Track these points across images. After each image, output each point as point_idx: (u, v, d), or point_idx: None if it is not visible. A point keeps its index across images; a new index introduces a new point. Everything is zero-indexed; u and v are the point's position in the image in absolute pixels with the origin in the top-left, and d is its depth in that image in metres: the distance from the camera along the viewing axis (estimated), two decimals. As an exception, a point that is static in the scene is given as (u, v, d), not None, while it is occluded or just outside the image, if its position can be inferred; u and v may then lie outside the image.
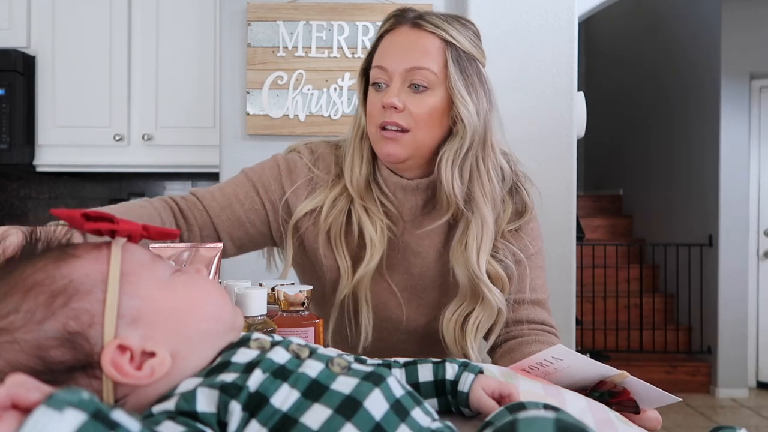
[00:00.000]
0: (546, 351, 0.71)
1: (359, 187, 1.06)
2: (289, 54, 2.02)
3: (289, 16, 2.03)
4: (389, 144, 1.00)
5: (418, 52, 0.99)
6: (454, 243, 1.05)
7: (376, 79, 1.02)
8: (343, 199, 1.07)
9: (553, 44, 2.03)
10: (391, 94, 0.99)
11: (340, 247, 1.06)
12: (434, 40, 1.00)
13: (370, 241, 1.04)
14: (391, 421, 0.47)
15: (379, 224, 1.05)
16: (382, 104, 1.00)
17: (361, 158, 1.07)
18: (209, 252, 0.83)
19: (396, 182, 1.06)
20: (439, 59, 0.99)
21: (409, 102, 0.99)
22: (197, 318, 0.52)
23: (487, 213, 1.02)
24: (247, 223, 1.08)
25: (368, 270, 1.04)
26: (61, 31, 2.61)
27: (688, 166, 4.79)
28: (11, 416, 0.37)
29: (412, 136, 1.00)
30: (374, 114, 1.02)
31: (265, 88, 2.00)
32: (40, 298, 0.47)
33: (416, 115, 0.99)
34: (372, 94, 1.03)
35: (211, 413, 0.46)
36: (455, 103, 0.99)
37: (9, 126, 2.52)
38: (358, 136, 1.08)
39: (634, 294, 4.88)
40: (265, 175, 1.10)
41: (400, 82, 0.99)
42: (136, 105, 2.63)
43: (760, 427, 3.72)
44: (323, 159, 1.11)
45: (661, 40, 5.26)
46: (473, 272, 1.01)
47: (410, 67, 0.99)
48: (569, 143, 2.03)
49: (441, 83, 1.00)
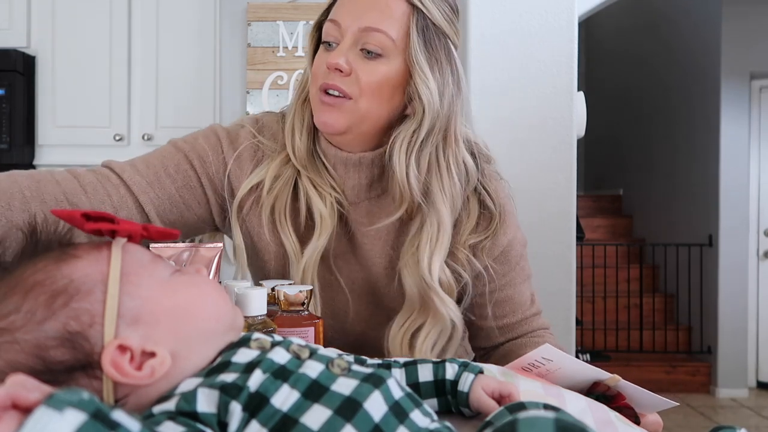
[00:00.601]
0: (535, 352, 0.68)
1: (301, 156, 0.92)
2: (289, 54, 2.02)
3: (289, 16, 2.03)
4: (327, 111, 0.88)
5: (378, 12, 0.86)
6: (405, 243, 0.92)
7: (326, 36, 0.89)
8: (288, 169, 0.93)
9: (553, 44, 2.03)
10: (338, 53, 0.86)
11: (286, 227, 0.92)
12: (400, 3, 0.87)
13: (320, 216, 0.91)
14: (390, 422, 0.47)
15: (329, 198, 0.92)
16: (327, 63, 0.87)
17: (302, 123, 0.93)
18: (209, 252, 0.83)
19: (335, 155, 0.93)
20: (402, 25, 0.87)
21: (358, 67, 0.86)
22: (197, 318, 0.53)
23: (444, 212, 0.89)
24: (181, 202, 0.93)
25: (317, 247, 0.90)
26: (61, 31, 2.61)
27: (688, 166, 4.79)
28: (11, 416, 0.37)
29: (354, 105, 0.87)
30: (317, 74, 0.89)
31: (265, 88, 2.01)
32: (40, 298, 0.47)
33: (364, 82, 0.86)
34: (320, 51, 0.90)
35: (211, 413, 0.46)
36: (414, 77, 0.87)
37: (9, 126, 2.52)
38: (301, 98, 0.95)
39: (634, 294, 4.88)
40: (200, 145, 0.95)
41: (351, 42, 0.87)
42: (136, 105, 2.63)
43: (760, 427, 3.72)
44: (268, 127, 0.98)
45: (661, 40, 5.26)
46: (423, 278, 0.88)
47: (365, 27, 0.86)
48: (569, 143, 2.03)
49: (399, 52, 0.87)
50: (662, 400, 0.71)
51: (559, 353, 0.68)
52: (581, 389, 0.72)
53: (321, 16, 0.93)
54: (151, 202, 0.90)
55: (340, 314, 0.97)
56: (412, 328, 0.91)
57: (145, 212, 0.90)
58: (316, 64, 0.90)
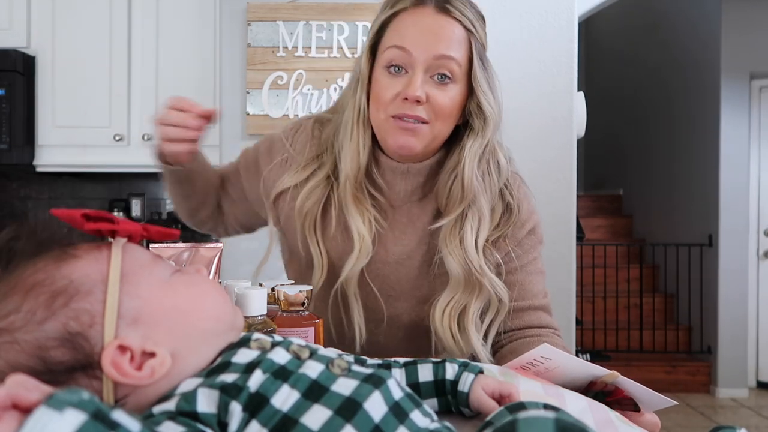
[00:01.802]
0: (533, 351, 0.69)
1: (358, 177, 0.98)
2: (289, 54, 2.02)
3: (289, 16, 2.03)
4: (406, 136, 0.93)
5: (447, 40, 0.91)
6: (445, 232, 0.98)
7: (394, 61, 0.93)
8: (320, 190, 1.00)
9: (553, 44, 2.03)
10: (416, 86, 0.90)
11: (315, 239, 1.00)
12: (459, 28, 0.92)
13: (359, 235, 0.97)
14: (390, 423, 0.47)
15: (368, 216, 0.98)
16: (404, 96, 0.91)
17: (362, 146, 0.97)
18: (209, 252, 0.83)
19: (386, 163, 0.99)
20: (464, 50, 0.93)
21: (433, 94, 0.91)
22: (197, 318, 0.52)
23: (485, 205, 0.98)
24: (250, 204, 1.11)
25: (357, 267, 0.97)
26: (61, 31, 2.61)
27: (688, 166, 4.79)
28: (11, 416, 0.37)
29: (430, 129, 0.93)
30: (386, 101, 0.93)
31: (265, 88, 2.00)
32: (40, 298, 0.47)
33: (438, 107, 0.92)
34: (384, 77, 0.94)
35: (211, 413, 0.46)
36: (478, 96, 0.94)
37: (9, 126, 2.52)
38: (359, 120, 0.98)
39: (634, 294, 4.88)
40: (250, 156, 1.12)
41: (424, 70, 0.91)
42: (136, 105, 2.63)
43: (760, 427, 3.72)
44: (301, 135, 1.06)
45: (661, 40, 5.26)
46: (472, 264, 0.95)
47: (439, 55, 0.91)
48: (569, 143, 2.03)
49: (463, 75, 0.93)
50: (661, 398, 0.71)
51: (558, 352, 0.69)
52: (580, 387, 0.72)
53: (372, 40, 0.98)
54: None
55: (378, 311, 1.02)
56: (458, 307, 0.96)
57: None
58: (383, 89, 0.94)
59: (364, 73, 0.97)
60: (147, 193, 3.03)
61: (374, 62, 0.97)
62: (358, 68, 0.99)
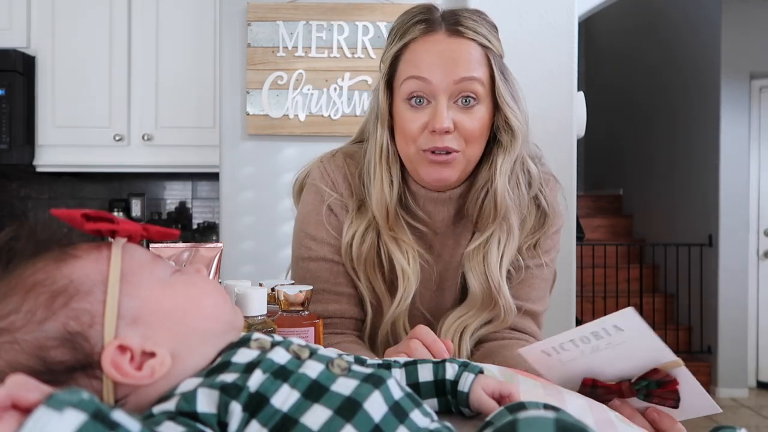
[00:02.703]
0: (610, 317, 0.62)
1: (389, 218, 0.96)
2: (289, 54, 2.02)
3: (289, 16, 2.03)
4: (441, 169, 0.91)
5: (464, 62, 0.89)
6: (471, 248, 0.97)
7: (415, 92, 0.90)
8: (370, 231, 0.98)
9: (553, 44, 2.03)
10: (442, 117, 0.87)
11: (377, 281, 0.98)
12: (475, 47, 0.90)
13: (402, 272, 0.95)
14: (390, 422, 0.47)
15: (411, 253, 0.96)
16: (431, 128, 0.88)
17: (389, 183, 0.95)
18: (209, 252, 0.83)
19: (426, 195, 0.98)
20: (484, 68, 0.90)
21: (459, 119, 0.89)
22: (197, 318, 0.52)
23: (515, 223, 0.96)
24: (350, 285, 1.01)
25: (404, 306, 0.96)
26: (61, 31, 2.61)
27: (688, 166, 4.79)
28: (11, 416, 0.37)
29: (463, 157, 0.91)
30: (413, 134, 0.91)
31: (265, 88, 2.00)
32: (40, 298, 0.47)
33: (468, 133, 0.90)
34: (406, 110, 0.91)
35: (211, 413, 0.46)
36: (506, 113, 0.92)
37: (9, 126, 2.52)
38: (383, 158, 0.95)
39: (634, 294, 4.88)
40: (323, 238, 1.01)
41: (447, 97, 0.89)
42: (136, 105, 2.63)
43: (760, 427, 3.72)
44: (341, 181, 1.02)
45: (661, 40, 5.26)
46: (493, 283, 0.94)
47: (460, 78, 0.88)
48: (569, 143, 2.03)
49: (488, 95, 0.91)
50: (710, 402, 0.68)
51: (640, 322, 0.62)
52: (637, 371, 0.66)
53: (387, 74, 0.94)
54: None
55: None
56: (467, 321, 0.96)
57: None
58: (408, 123, 0.91)
59: (383, 109, 0.95)
60: (147, 193, 3.03)
61: (392, 96, 0.94)
62: (376, 104, 0.96)
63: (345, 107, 2.02)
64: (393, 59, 0.94)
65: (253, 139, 2.02)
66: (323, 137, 2.00)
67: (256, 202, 2.00)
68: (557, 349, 0.67)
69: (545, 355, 0.69)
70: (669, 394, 0.66)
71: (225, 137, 2.03)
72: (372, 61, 2.01)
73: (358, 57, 2.02)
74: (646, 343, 0.64)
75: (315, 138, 2.01)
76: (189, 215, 3.06)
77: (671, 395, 0.66)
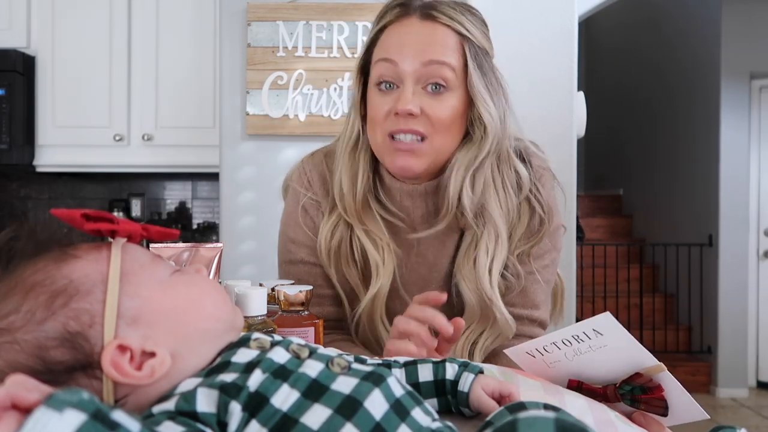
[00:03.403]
0: (588, 321, 0.62)
1: (356, 209, 0.93)
2: (289, 54, 2.02)
3: (289, 16, 2.03)
4: (405, 156, 0.87)
5: (436, 45, 0.86)
6: (459, 257, 0.93)
7: (382, 76, 0.88)
8: (340, 225, 0.95)
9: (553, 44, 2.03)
10: (406, 98, 0.85)
11: (353, 275, 0.96)
12: (450, 33, 0.87)
13: (375, 265, 0.93)
14: (391, 420, 0.47)
15: (382, 245, 0.93)
16: (395, 111, 0.86)
17: (356, 173, 0.93)
18: (209, 252, 0.83)
19: (400, 188, 0.94)
20: (458, 56, 0.87)
21: (427, 105, 0.86)
22: (197, 318, 0.52)
23: (501, 227, 0.91)
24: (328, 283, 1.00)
25: (379, 295, 0.93)
26: (61, 31, 2.61)
27: (688, 166, 4.79)
28: (11, 416, 0.37)
29: (430, 145, 0.88)
30: (380, 120, 0.88)
31: (265, 88, 2.00)
32: (40, 298, 0.47)
33: (435, 119, 0.86)
34: (376, 95, 0.89)
35: (211, 413, 0.46)
36: (477, 106, 0.88)
37: (9, 126, 2.52)
38: (348, 147, 0.94)
39: (634, 294, 4.88)
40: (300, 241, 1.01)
41: (414, 81, 0.86)
42: (136, 105, 2.63)
43: (760, 427, 3.72)
44: (317, 179, 1.00)
45: (661, 39, 5.26)
46: (484, 292, 0.90)
47: (428, 60, 0.85)
48: (569, 143, 2.03)
49: (460, 83, 0.88)
50: (698, 409, 0.66)
51: (617, 327, 0.62)
52: (620, 375, 0.66)
53: (362, 60, 0.93)
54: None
55: None
56: (473, 337, 0.92)
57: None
58: (375, 108, 0.89)
59: (356, 95, 0.93)
60: (147, 193, 3.03)
61: (367, 83, 0.93)
62: (353, 92, 0.95)
63: (345, 107, 2.02)
64: (369, 44, 0.92)
65: (253, 139, 2.02)
66: (323, 137, 2.00)
67: (256, 202, 2.00)
68: (541, 350, 0.67)
69: (530, 356, 0.68)
70: (656, 401, 0.65)
71: (225, 137, 2.03)
72: (372, 61, 2.01)
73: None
74: (626, 346, 0.64)
75: (315, 138, 2.01)
76: (189, 215, 3.07)
77: (659, 402, 0.65)
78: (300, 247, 1.00)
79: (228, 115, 2.03)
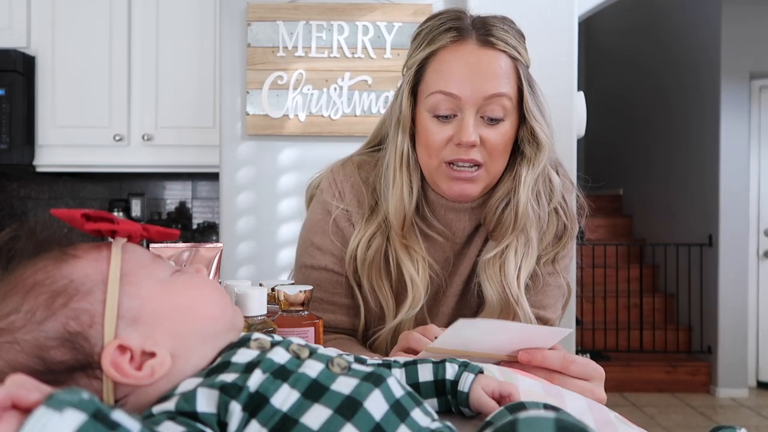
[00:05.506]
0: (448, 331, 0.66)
1: (405, 224, 0.94)
2: (289, 54, 2.02)
3: (289, 16, 2.03)
4: (462, 184, 0.90)
5: (495, 77, 0.87)
6: (485, 258, 0.95)
7: (442, 110, 0.88)
8: (378, 236, 0.96)
9: (553, 44, 2.03)
10: (468, 130, 0.86)
11: (383, 287, 0.96)
12: (505, 59, 0.88)
13: (411, 282, 0.94)
14: (391, 421, 0.47)
15: (421, 263, 0.95)
16: (456, 141, 0.87)
17: (407, 191, 0.93)
18: (209, 252, 0.83)
19: (445, 204, 0.96)
20: (513, 82, 0.89)
21: (485, 134, 0.88)
22: (197, 318, 0.52)
23: (533, 234, 0.94)
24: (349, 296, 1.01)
25: (411, 314, 0.94)
26: (61, 31, 2.61)
27: (688, 165, 4.79)
28: (11, 416, 0.37)
29: (486, 171, 0.90)
30: (437, 147, 0.89)
31: (265, 88, 2.00)
32: (40, 298, 0.47)
33: (492, 147, 0.88)
34: (431, 122, 0.90)
35: (211, 413, 0.46)
36: (532, 126, 0.90)
37: (9, 126, 2.52)
38: (402, 164, 0.93)
39: (634, 294, 4.88)
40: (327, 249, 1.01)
41: (474, 112, 0.87)
42: (136, 105, 2.63)
43: (760, 427, 3.72)
44: (349, 191, 1.00)
45: (661, 39, 5.26)
46: (511, 295, 0.92)
47: (489, 95, 0.86)
48: (569, 143, 2.03)
49: (515, 108, 0.89)
50: (552, 330, 0.71)
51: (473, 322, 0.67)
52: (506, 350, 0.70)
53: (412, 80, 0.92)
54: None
55: None
56: None
57: None
58: (431, 135, 0.89)
59: (405, 117, 0.92)
60: (147, 193, 3.03)
61: (416, 103, 0.93)
62: (399, 110, 0.94)
63: (345, 107, 2.02)
64: (420, 66, 0.91)
65: (253, 140, 2.02)
66: (323, 137, 2.01)
67: (256, 202, 2.00)
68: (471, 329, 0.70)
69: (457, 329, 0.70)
70: None
71: (225, 137, 2.03)
72: (372, 61, 2.01)
73: (358, 57, 2.02)
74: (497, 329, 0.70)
75: (315, 138, 2.01)
76: (189, 215, 3.07)
77: None
78: (325, 255, 1.01)
79: (228, 115, 2.03)
